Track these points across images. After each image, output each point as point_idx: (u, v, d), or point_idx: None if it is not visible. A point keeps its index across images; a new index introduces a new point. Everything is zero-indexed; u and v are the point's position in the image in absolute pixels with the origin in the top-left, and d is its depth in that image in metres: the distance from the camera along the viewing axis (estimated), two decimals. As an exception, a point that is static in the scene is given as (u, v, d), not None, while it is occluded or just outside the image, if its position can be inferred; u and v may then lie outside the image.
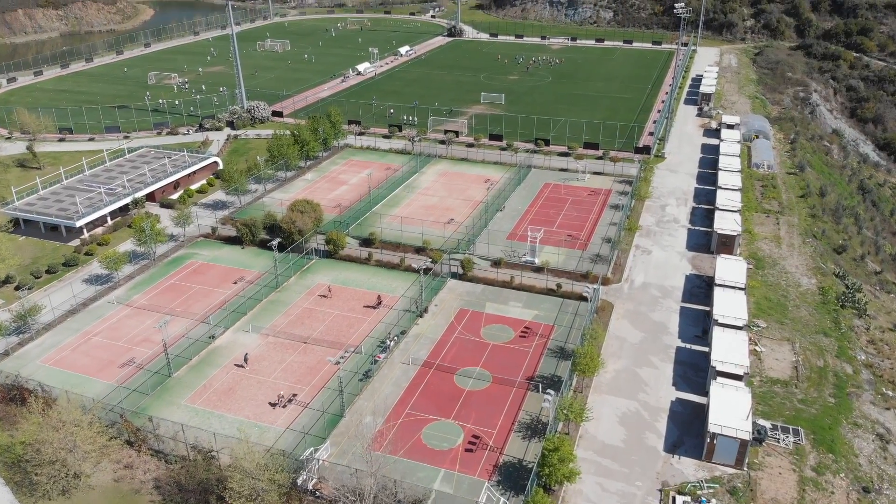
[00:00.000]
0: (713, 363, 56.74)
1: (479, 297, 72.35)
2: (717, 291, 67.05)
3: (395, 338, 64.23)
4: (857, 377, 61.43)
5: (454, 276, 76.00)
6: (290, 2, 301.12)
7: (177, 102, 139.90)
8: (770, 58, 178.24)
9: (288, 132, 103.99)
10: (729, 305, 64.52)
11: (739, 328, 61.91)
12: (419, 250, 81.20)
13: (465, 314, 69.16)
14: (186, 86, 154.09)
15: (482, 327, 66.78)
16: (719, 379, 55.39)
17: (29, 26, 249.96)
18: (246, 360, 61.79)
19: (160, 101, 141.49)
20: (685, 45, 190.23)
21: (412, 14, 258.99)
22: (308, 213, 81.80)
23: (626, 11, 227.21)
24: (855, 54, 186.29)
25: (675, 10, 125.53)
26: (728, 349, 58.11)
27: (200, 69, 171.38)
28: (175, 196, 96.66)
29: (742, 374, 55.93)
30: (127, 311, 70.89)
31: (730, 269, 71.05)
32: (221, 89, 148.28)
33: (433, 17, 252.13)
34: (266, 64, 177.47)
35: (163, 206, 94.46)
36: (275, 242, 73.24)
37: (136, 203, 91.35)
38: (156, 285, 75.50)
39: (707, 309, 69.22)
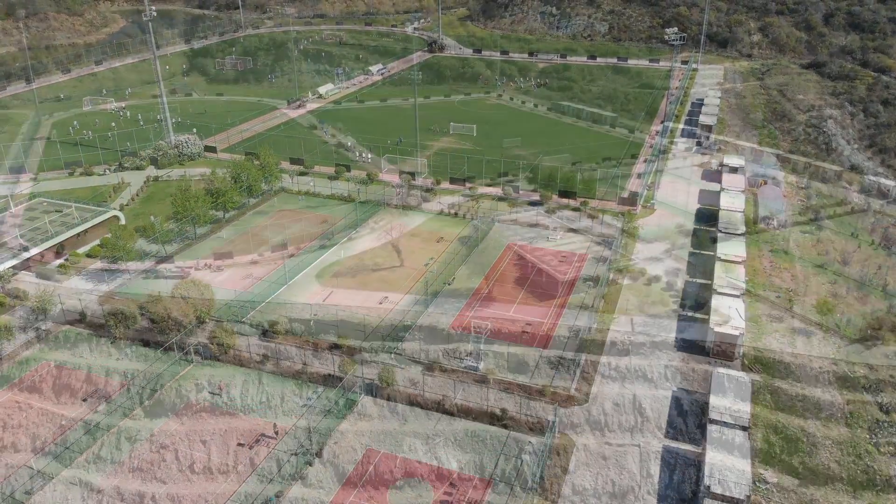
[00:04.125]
0: (701, 575, 39.32)
1: (397, 427, 54.85)
2: (710, 432, 49.49)
3: (264, 508, 46.98)
4: (905, 573, 43.86)
5: (369, 390, 58.61)
6: (269, 12, 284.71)
7: (110, 135, 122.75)
8: (779, 78, 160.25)
9: (201, 174, 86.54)
10: (727, 458, 46.99)
11: (740, 502, 44.38)
12: (334, 347, 63.95)
13: (374, 459, 51.71)
14: (124, 113, 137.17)
15: (391, 485, 49.32)
16: None
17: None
18: None
19: (85, 132, 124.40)
20: (685, 62, 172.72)
21: (394, 26, 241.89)
22: (193, 300, 64.67)
23: (622, 24, 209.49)
24: (873, 74, 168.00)
25: (666, 37, 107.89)
26: (724, 544, 40.75)
27: (128, 91, 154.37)
28: (55, 264, 79.59)
29: None
30: (-66, 445, 53.90)
31: (728, 391, 53.49)
32: (158, 117, 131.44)
33: (416, 29, 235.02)
34: (218, 87, 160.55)
35: (39, 277, 77.50)
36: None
37: (0, 278, 74.31)
38: (-14, 401, 58.51)
39: (698, 451, 51.73)
